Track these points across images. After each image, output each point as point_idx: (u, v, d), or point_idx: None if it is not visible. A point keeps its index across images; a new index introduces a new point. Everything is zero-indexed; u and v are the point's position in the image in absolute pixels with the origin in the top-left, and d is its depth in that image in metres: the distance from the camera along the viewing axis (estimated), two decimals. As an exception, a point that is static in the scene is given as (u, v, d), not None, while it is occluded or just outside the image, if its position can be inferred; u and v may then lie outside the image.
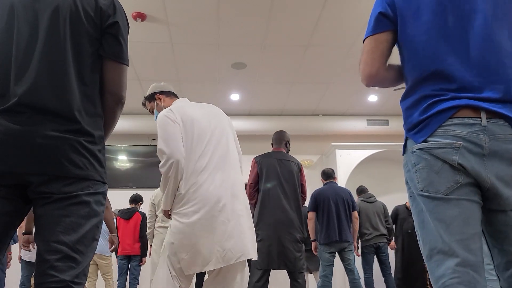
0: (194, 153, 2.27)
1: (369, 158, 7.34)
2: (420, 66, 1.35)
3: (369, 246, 5.60)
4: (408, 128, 1.37)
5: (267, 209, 3.61)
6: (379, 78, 1.44)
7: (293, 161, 3.82)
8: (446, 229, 1.24)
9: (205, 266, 2.16)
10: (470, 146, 1.24)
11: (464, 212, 1.24)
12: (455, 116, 1.27)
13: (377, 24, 1.41)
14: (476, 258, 1.23)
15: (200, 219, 2.17)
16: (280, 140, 3.94)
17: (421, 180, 1.30)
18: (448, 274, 1.22)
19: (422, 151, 1.30)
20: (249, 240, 2.26)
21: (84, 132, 1.29)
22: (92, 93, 1.35)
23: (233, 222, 2.21)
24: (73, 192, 1.24)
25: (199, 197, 2.20)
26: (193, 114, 2.37)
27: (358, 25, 4.97)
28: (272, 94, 6.85)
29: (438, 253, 1.25)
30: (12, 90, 1.25)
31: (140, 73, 6.01)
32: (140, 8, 4.55)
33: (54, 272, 1.20)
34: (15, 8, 1.33)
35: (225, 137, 2.40)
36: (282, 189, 3.65)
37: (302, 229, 3.67)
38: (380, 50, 1.41)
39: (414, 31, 1.36)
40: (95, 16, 1.35)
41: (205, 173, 2.24)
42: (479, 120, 1.25)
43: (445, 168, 1.26)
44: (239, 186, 2.34)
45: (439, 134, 1.28)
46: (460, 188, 1.25)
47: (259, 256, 3.51)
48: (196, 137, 2.30)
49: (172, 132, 2.25)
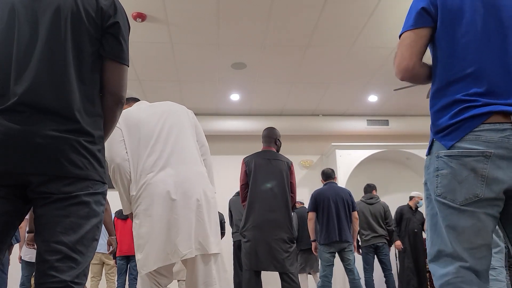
0: (142, 153, 2.31)
1: (369, 158, 7.35)
2: (455, 66, 1.35)
3: (367, 247, 5.62)
4: (436, 131, 1.37)
5: (254, 210, 3.56)
6: (415, 72, 1.43)
7: (283, 160, 3.76)
8: (456, 237, 1.27)
9: (156, 264, 2.18)
10: (502, 152, 1.25)
11: (476, 224, 1.27)
12: (486, 122, 1.28)
13: (418, 18, 1.41)
14: (482, 266, 1.26)
15: (151, 218, 2.20)
16: (269, 138, 3.88)
17: (441, 186, 1.31)
18: (453, 272, 1.26)
19: (449, 158, 1.30)
20: (203, 235, 2.23)
21: (84, 132, 1.28)
22: (92, 93, 1.35)
23: (182, 218, 2.20)
24: (72, 192, 1.24)
25: (147, 196, 2.23)
26: (139, 116, 2.40)
27: (358, 26, 4.97)
28: (272, 94, 6.85)
29: (446, 256, 1.29)
30: (12, 89, 1.25)
31: (140, 73, 6.01)
32: (140, 8, 4.55)
33: (54, 272, 1.20)
34: (15, 8, 1.33)
35: (177, 133, 2.39)
36: (271, 188, 3.61)
37: (290, 229, 3.60)
38: (419, 45, 1.41)
39: (454, 31, 1.36)
40: (96, 16, 1.36)
41: (154, 171, 2.27)
42: (510, 125, 1.27)
43: (469, 180, 1.27)
44: (194, 180, 2.30)
45: (469, 139, 1.28)
46: (479, 202, 1.26)
47: (247, 257, 3.49)
48: (143, 138, 2.33)
49: (111, 138, 2.30)
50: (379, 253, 5.61)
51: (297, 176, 7.71)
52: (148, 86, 6.41)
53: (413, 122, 7.67)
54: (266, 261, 3.46)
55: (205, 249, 2.21)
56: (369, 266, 5.58)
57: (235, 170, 6.38)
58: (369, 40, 5.28)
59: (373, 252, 5.62)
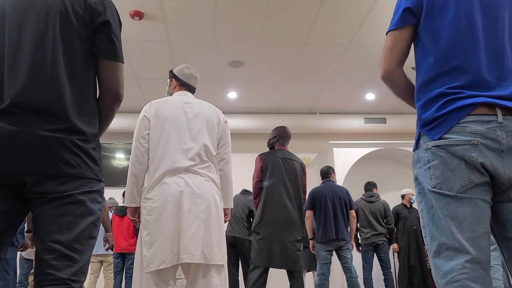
0: (162, 148, 2.34)
1: (367, 156, 7.36)
2: (440, 59, 1.36)
3: (367, 245, 5.63)
4: (422, 124, 1.38)
5: (269, 208, 3.59)
6: (395, 76, 1.47)
7: (297, 161, 3.81)
8: (458, 226, 1.26)
9: (161, 263, 2.18)
10: (488, 143, 1.26)
11: (476, 211, 1.27)
12: (472, 114, 1.29)
13: (402, 17, 1.43)
14: (485, 256, 1.25)
15: (161, 217, 2.22)
16: (285, 138, 3.92)
17: (435, 177, 1.31)
18: (458, 269, 1.24)
19: (438, 148, 1.31)
20: (207, 244, 2.23)
21: (77, 130, 1.29)
22: (85, 91, 1.36)
23: (191, 222, 2.21)
24: (67, 191, 1.25)
25: (161, 195, 2.25)
26: (170, 111, 2.41)
27: (355, 24, 4.97)
28: (270, 92, 6.85)
29: (447, 249, 1.27)
30: (6, 92, 1.27)
31: (137, 72, 6.00)
32: (138, 6, 4.54)
33: (52, 270, 1.21)
34: (5, 11, 1.35)
35: (201, 136, 2.42)
36: (285, 188, 3.64)
37: (302, 229, 3.67)
38: (399, 48, 1.45)
39: (439, 25, 1.38)
40: (85, 14, 1.36)
41: (171, 171, 2.30)
42: (495, 117, 1.28)
43: (461, 167, 1.28)
44: (204, 188, 2.31)
45: (456, 131, 1.29)
46: (474, 188, 1.27)
47: (260, 254, 3.50)
48: (165, 135, 2.36)
49: (138, 127, 2.41)
50: (379, 251, 5.63)
51: (294, 174, 7.73)
52: (145, 84, 6.41)
53: (410, 120, 7.69)
54: (281, 259, 3.49)
55: (207, 259, 2.21)
56: (368, 265, 5.60)
57: (234, 167, 6.38)
58: (366, 38, 5.28)
59: (372, 250, 5.64)
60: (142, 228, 2.29)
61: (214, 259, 2.23)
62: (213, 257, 2.23)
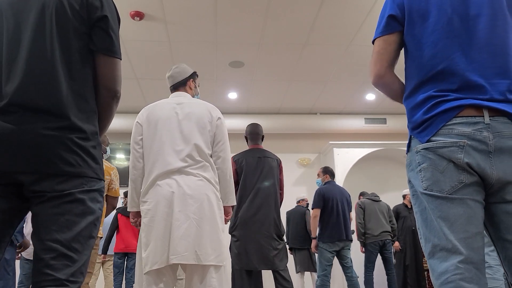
0: (155, 151, 2.37)
1: (367, 156, 7.35)
2: (426, 65, 1.38)
3: (374, 244, 5.56)
4: (412, 127, 1.39)
5: (243, 209, 3.52)
6: (386, 80, 1.47)
7: (272, 157, 3.73)
8: (450, 227, 1.27)
9: (154, 264, 2.19)
10: (474, 144, 1.27)
11: (467, 211, 1.27)
12: (458, 116, 1.30)
13: (386, 25, 1.45)
14: (479, 256, 1.25)
15: (154, 218, 2.25)
16: (257, 135, 3.82)
17: (426, 179, 1.32)
18: (451, 270, 1.24)
19: (427, 150, 1.32)
20: (199, 245, 2.22)
21: (76, 128, 1.27)
22: (82, 89, 1.33)
23: (182, 223, 2.22)
24: (66, 190, 1.23)
25: (154, 196, 2.29)
26: (161, 115, 2.44)
27: (356, 24, 4.97)
28: (270, 93, 6.85)
29: (441, 250, 1.28)
30: (4, 90, 1.26)
31: (137, 72, 6.00)
32: (138, 7, 4.54)
33: (50, 270, 1.19)
34: (2, 9, 1.33)
35: (191, 136, 2.41)
36: (259, 186, 3.57)
37: (279, 225, 3.55)
38: (388, 52, 1.46)
39: (422, 31, 1.40)
40: (81, 10, 1.34)
41: (163, 173, 2.32)
42: (482, 119, 1.28)
43: (449, 168, 1.28)
44: (197, 188, 2.30)
45: (443, 133, 1.30)
46: (464, 188, 1.27)
47: (237, 257, 3.43)
48: (158, 139, 2.38)
49: (132, 133, 2.50)
50: (384, 251, 5.59)
51: (294, 175, 7.72)
52: (145, 84, 6.40)
53: (410, 121, 7.67)
54: (257, 259, 3.40)
55: (200, 259, 2.20)
56: (371, 264, 5.57)
57: (233, 168, 6.35)
58: (366, 39, 5.27)
59: (377, 250, 5.59)
60: (141, 231, 2.32)
61: (208, 259, 2.22)
62: (207, 257, 2.22)
